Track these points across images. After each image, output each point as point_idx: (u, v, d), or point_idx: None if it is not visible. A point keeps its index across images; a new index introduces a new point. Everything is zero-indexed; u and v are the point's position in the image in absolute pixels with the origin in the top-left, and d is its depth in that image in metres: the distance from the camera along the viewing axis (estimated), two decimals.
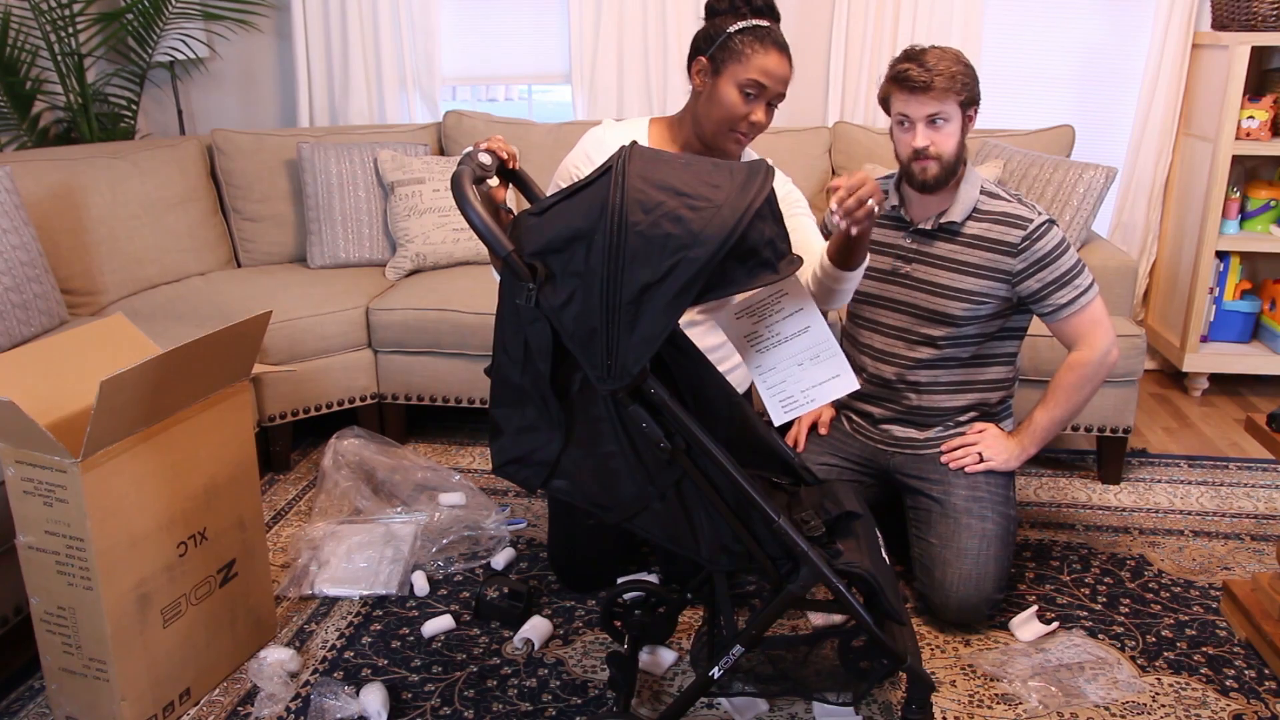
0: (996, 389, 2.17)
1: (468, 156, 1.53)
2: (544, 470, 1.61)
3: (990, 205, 2.06)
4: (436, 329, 2.82)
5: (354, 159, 3.16)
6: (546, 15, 3.59)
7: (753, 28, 1.88)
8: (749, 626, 1.60)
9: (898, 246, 2.14)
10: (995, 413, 2.19)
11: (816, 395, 1.56)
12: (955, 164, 2.01)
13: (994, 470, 2.09)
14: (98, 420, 1.53)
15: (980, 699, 1.86)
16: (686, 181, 1.41)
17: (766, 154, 2.17)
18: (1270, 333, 3.34)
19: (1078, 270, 2.01)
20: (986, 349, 2.13)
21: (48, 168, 2.81)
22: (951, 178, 2.03)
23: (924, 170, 2.01)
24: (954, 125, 1.97)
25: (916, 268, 2.11)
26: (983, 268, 2.04)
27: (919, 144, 1.98)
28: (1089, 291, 2.02)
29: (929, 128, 1.97)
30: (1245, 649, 2.00)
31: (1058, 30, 3.38)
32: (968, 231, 2.06)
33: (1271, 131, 3.15)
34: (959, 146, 2.00)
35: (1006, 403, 2.21)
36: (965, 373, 2.14)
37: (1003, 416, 2.21)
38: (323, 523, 2.42)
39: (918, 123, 1.98)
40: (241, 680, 1.93)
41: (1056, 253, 2.00)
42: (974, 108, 2.01)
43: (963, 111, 1.98)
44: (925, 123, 1.97)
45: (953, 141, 1.98)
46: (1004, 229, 2.03)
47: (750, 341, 1.62)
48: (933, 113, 1.96)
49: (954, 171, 2.02)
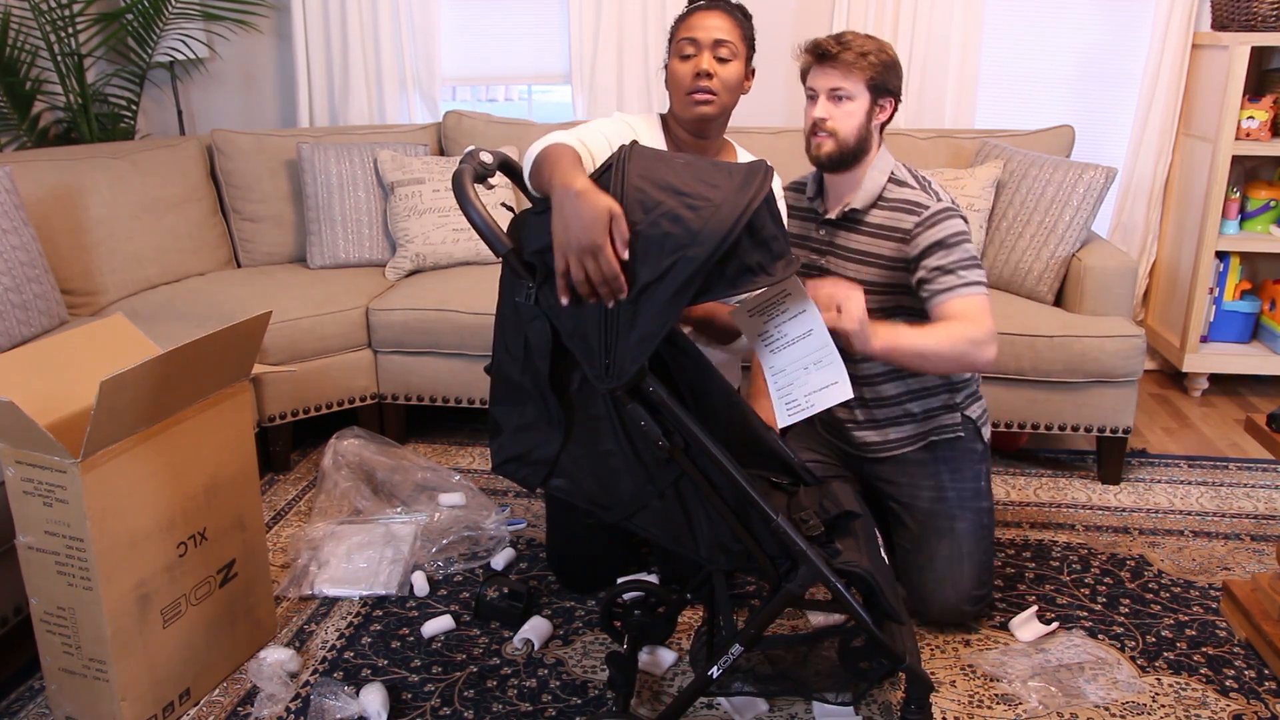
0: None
1: (469, 155, 1.53)
2: (543, 469, 1.61)
3: (895, 193, 1.99)
4: (436, 329, 2.82)
5: (354, 159, 3.16)
6: (546, 15, 3.60)
7: (686, 10, 1.96)
8: (748, 626, 1.60)
9: (810, 239, 2.09)
10: (956, 402, 2.08)
11: (816, 401, 1.56)
12: (855, 148, 1.95)
13: (849, 342, 1.71)
14: (98, 420, 1.53)
15: (980, 699, 1.86)
16: (686, 181, 1.41)
17: (766, 154, 2.17)
18: (1270, 333, 3.34)
19: (968, 263, 1.90)
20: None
21: (48, 168, 2.81)
22: (849, 161, 1.97)
23: (819, 145, 1.96)
24: (857, 106, 1.92)
25: (830, 260, 2.06)
26: (885, 258, 1.98)
27: (816, 114, 1.94)
28: (975, 286, 1.88)
29: (830, 101, 1.93)
30: (1245, 649, 2.00)
31: (1058, 30, 3.38)
32: (872, 221, 2.00)
33: (1271, 131, 3.15)
34: (861, 130, 1.94)
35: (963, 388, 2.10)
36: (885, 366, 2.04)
37: (965, 405, 2.10)
38: (323, 523, 2.42)
39: (820, 94, 1.94)
40: (241, 680, 1.93)
41: (950, 241, 1.90)
42: (888, 99, 1.96)
43: (872, 97, 1.93)
44: (828, 95, 1.93)
45: (853, 122, 1.93)
46: (901, 215, 1.96)
47: (763, 340, 1.62)
48: (835, 86, 1.92)
49: (853, 155, 1.96)
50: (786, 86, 3.54)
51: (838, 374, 1.54)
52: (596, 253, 1.34)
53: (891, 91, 1.97)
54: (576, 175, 1.41)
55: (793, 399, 1.58)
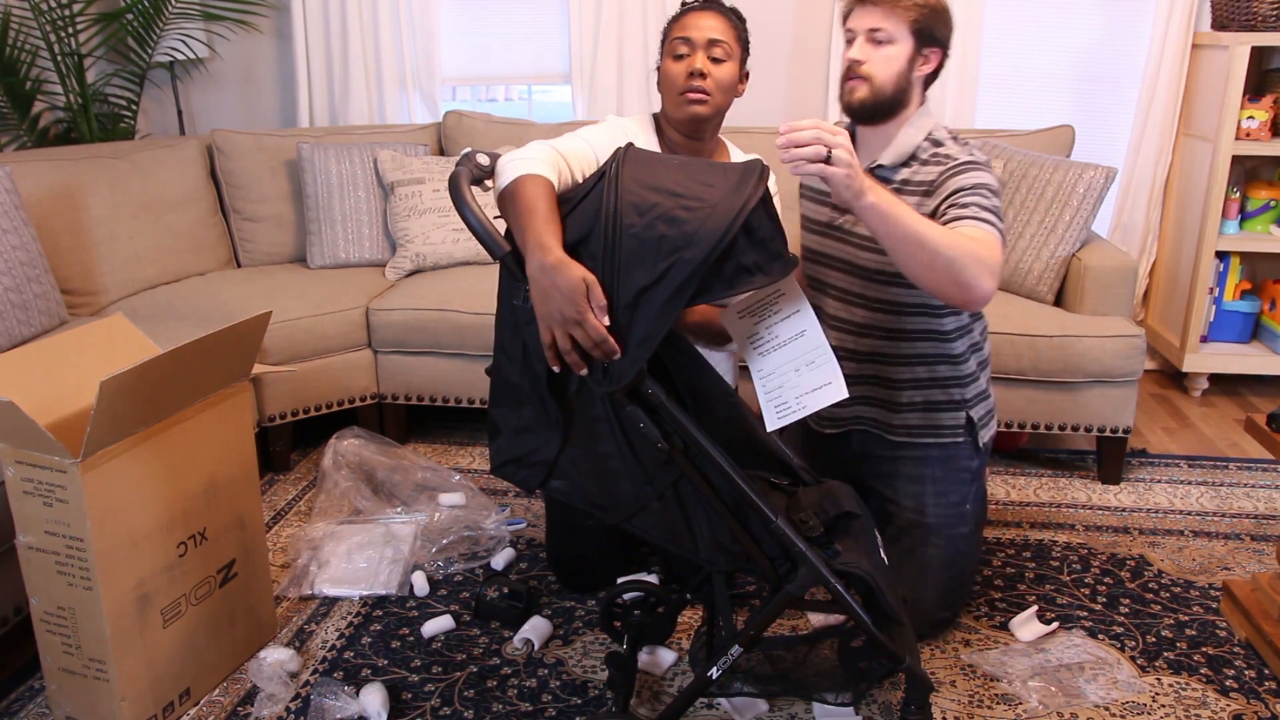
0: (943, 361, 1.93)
1: (465, 157, 1.53)
2: (542, 470, 1.61)
3: (929, 152, 1.85)
4: (436, 329, 2.82)
5: (354, 159, 3.16)
6: (546, 15, 3.59)
7: (680, 10, 1.95)
8: (747, 627, 1.60)
9: (829, 196, 1.93)
10: (965, 398, 1.96)
11: (808, 402, 1.55)
12: (891, 98, 1.82)
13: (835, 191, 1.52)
14: (98, 420, 1.53)
15: (980, 699, 1.86)
16: (680, 182, 1.41)
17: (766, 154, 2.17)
18: (1270, 333, 3.33)
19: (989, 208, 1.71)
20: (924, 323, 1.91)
21: (48, 168, 2.81)
22: (883, 112, 1.84)
23: (851, 90, 1.83)
24: (898, 50, 1.80)
25: (848, 219, 1.93)
26: None
27: (851, 55, 1.82)
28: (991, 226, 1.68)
29: (868, 43, 1.81)
30: (1245, 649, 2.00)
31: (1058, 30, 3.38)
32: (898, 178, 1.86)
33: (1271, 131, 3.14)
34: (900, 78, 1.81)
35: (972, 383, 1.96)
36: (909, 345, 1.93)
37: (972, 403, 1.97)
38: (323, 523, 2.42)
39: (859, 35, 1.82)
40: (241, 680, 1.93)
41: (971, 185, 1.74)
42: (934, 50, 1.83)
43: (916, 44, 1.81)
44: (866, 36, 1.81)
45: (891, 68, 1.80)
46: (930, 169, 1.83)
47: (751, 343, 1.61)
48: (875, 26, 1.79)
49: (888, 106, 1.83)
50: (787, 86, 3.54)
51: (831, 374, 1.53)
52: (580, 322, 1.37)
53: (939, 41, 1.83)
54: (549, 241, 1.42)
55: (783, 401, 1.57)
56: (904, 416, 1.98)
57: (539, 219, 1.46)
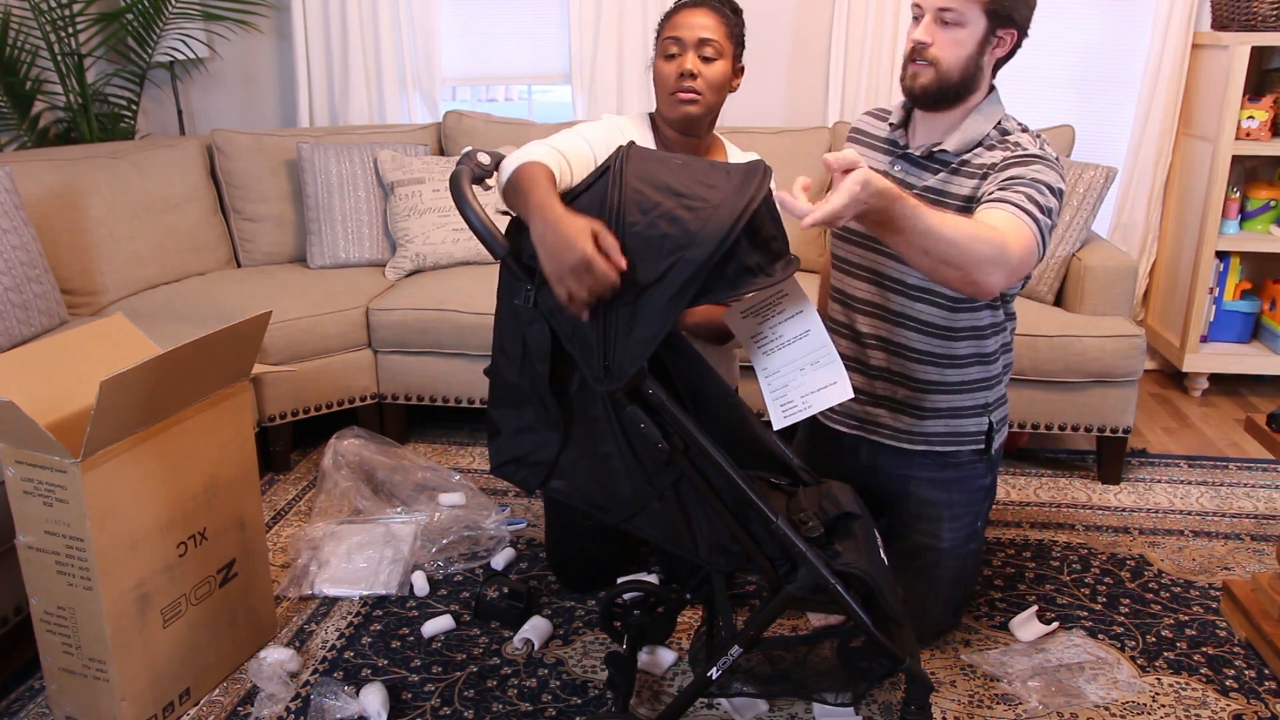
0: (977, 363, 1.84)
1: (466, 156, 1.53)
2: (542, 471, 1.61)
3: (997, 140, 1.72)
4: (436, 329, 2.82)
5: (354, 159, 3.16)
6: (546, 15, 3.59)
7: (673, 8, 1.95)
8: (747, 627, 1.60)
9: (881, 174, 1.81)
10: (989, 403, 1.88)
11: (814, 401, 1.55)
12: (959, 83, 1.69)
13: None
14: (98, 420, 1.53)
15: (980, 699, 1.86)
16: (683, 182, 1.41)
17: (766, 154, 2.16)
18: (1270, 333, 3.33)
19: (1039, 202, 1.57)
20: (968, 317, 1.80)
21: (48, 168, 2.81)
22: (949, 99, 1.72)
23: (914, 75, 1.71)
24: (968, 34, 1.66)
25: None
26: (959, 198, 1.71)
27: (918, 36, 1.68)
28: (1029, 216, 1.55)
29: (936, 24, 1.66)
30: (1245, 649, 2.00)
31: (1058, 30, 3.38)
32: (957, 161, 1.75)
33: (1271, 131, 3.14)
34: (970, 63, 1.68)
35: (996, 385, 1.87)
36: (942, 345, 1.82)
37: (994, 408, 1.90)
38: (323, 523, 2.42)
39: (927, 13, 1.67)
40: (241, 680, 1.93)
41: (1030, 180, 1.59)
42: (1009, 31, 1.68)
43: (989, 25, 1.66)
44: (934, 15, 1.66)
45: (960, 52, 1.67)
46: (993, 154, 1.70)
47: (756, 342, 1.62)
48: (945, 6, 1.64)
49: (954, 93, 1.71)
50: (786, 87, 3.53)
51: (837, 374, 1.53)
52: (588, 266, 1.34)
53: (1016, 23, 1.67)
54: (550, 202, 1.41)
55: (789, 400, 1.57)
56: (927, 424, 1.88)
57: (540, 190, 1.47)
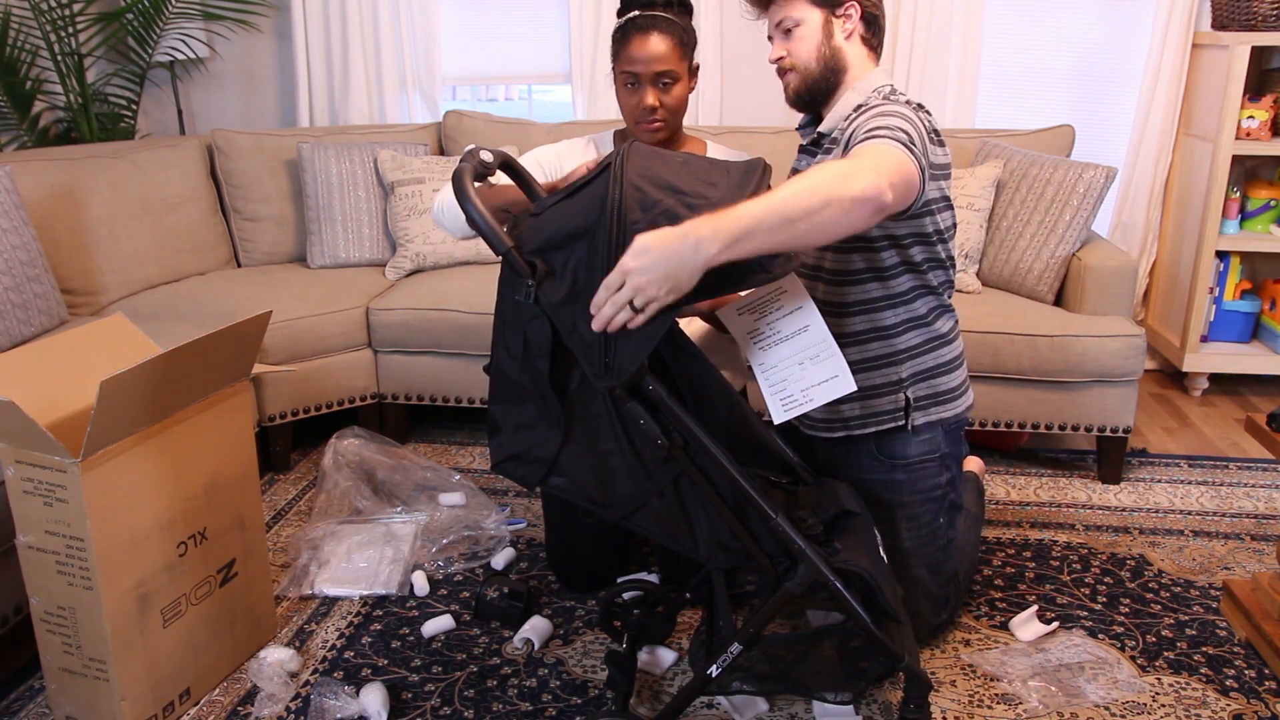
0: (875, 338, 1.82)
1: (469, 154, 1.53)
2: (542, 467, 1.61)
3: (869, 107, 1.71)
4: (436, 329, 2.82)
5: (354, 159, 3.16)
6: (546, 15, 3.60)
7: (621, 25, 1.94)
8: (747, 625, 1.60)
9: (795, 172, 1.86)
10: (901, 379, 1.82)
11: (815, 395, 1.56)
12: (822, 73, 1.75)
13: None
14: (98, 420, 1.53)
15: (980, 699, 1.86)
16: (684, 179, 1.41)
17: (765, 154, 2.17)
18: (1270, 333, 3.34)
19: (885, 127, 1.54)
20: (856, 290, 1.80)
21: (48, 168, 2.81)
22: (824, 91, 1.77)
23: (786, 88, 1.78)
24: (810, 29, 1.74)
25: None
26: None
27: (772, 56, 1.77)
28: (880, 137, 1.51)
29: (782, 36, 1.75)
30: (1245, 649, 2.00)
31: (1058, 30, 3.38)
32: (830, 141, 1.81)
33: (1271, 131, 3.14)
34: (821, 49, 1.74)
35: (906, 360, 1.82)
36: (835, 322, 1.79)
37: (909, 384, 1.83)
38: (323, 523, 2.42)
39: (773, 34, 1.77)
40: (241, 680, 1.93)
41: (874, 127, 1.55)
42: (842, 7, 1.74)
43: (824, 11, 1.73)
44: (778, 31, 1.76)
45: (809, 46, 1.74)
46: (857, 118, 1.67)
47: (752, 338, 1.62)
48: (780, 19, 1.74)
49: (825, 82, 1.76)
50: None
51: (837, 368, 1.54)
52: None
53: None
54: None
55: (788, 394, 1.58)
56: (843, 409, 1.86)
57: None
